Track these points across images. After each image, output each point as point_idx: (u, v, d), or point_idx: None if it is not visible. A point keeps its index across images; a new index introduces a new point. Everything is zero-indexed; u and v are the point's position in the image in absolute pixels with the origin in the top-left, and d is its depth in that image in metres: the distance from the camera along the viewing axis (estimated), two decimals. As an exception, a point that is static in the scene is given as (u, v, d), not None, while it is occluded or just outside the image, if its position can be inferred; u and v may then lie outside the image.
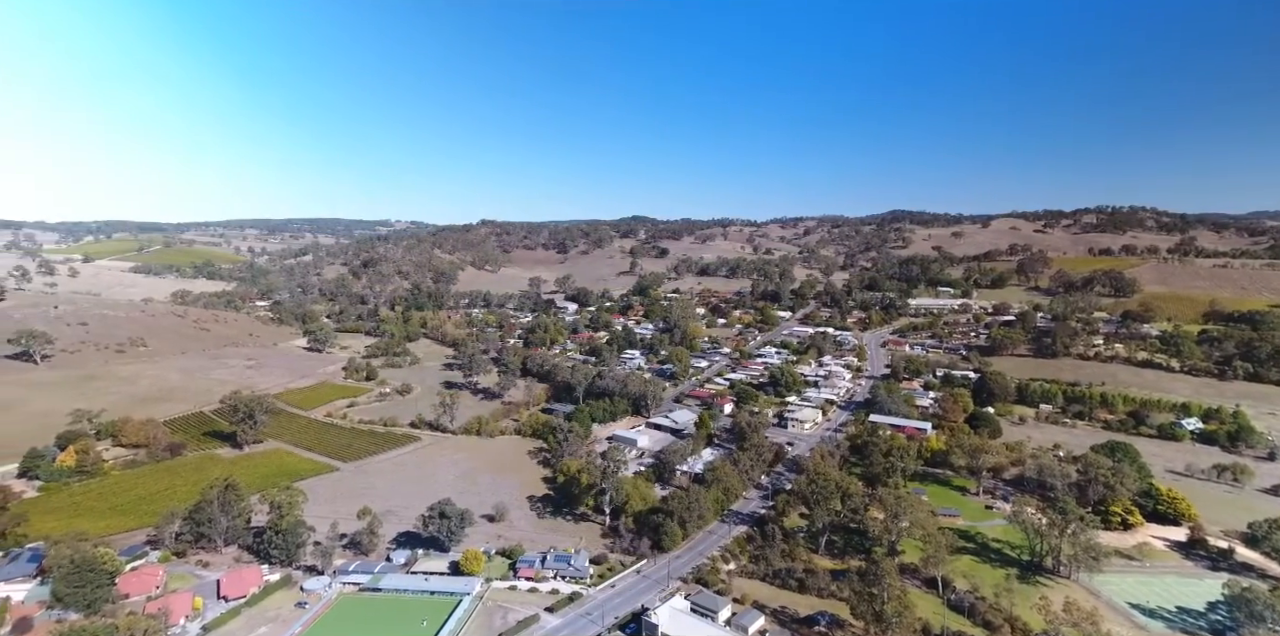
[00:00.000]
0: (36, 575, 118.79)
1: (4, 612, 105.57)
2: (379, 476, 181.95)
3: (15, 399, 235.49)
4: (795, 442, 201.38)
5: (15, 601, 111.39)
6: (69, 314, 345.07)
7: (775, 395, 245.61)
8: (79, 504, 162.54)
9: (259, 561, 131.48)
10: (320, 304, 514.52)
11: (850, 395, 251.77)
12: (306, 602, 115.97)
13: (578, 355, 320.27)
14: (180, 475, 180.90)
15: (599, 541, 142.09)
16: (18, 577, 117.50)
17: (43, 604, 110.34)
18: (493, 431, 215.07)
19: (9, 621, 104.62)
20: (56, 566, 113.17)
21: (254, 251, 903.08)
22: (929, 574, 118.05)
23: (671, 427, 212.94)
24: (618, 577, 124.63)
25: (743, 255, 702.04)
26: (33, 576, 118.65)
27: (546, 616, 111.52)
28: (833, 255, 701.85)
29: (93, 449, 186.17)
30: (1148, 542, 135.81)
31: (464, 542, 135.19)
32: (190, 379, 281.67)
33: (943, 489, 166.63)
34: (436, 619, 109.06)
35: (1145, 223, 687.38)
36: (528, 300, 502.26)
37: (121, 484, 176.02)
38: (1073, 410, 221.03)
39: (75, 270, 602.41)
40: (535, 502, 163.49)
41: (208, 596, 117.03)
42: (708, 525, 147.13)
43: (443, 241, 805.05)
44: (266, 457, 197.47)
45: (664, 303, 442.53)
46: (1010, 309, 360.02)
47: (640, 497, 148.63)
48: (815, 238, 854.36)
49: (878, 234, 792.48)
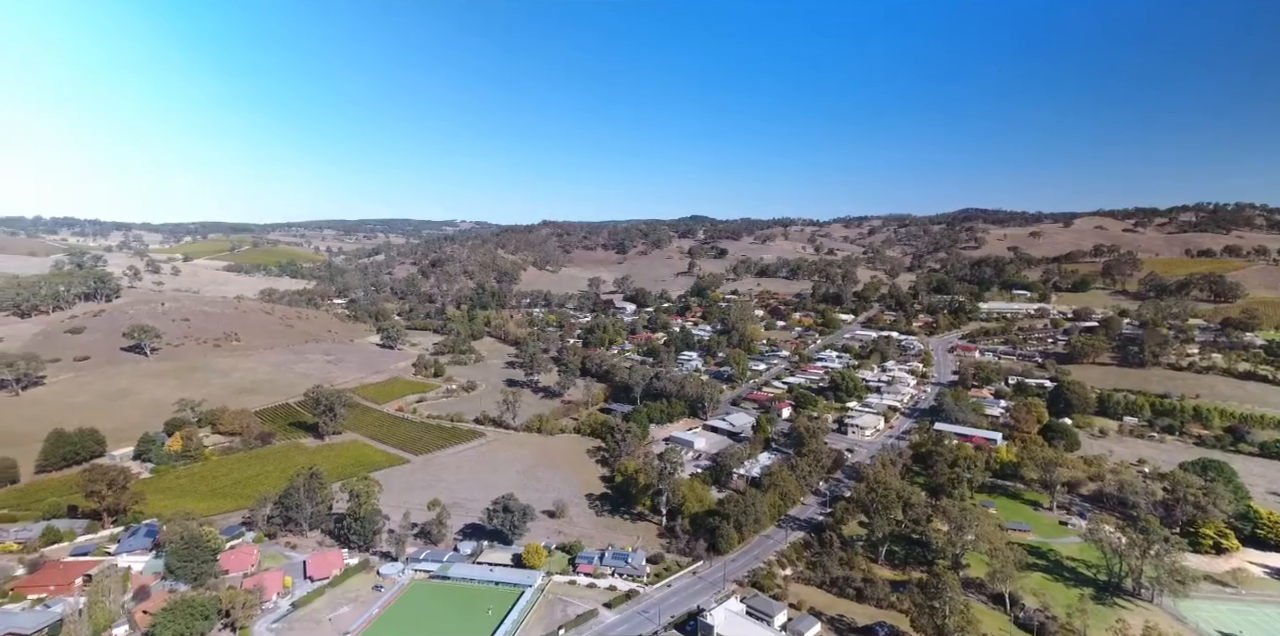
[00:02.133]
0: (152, 549, 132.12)
1: (127, 581, 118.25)
2: (446, 470, 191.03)
3: (131, 388, 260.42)
4: (855, 449, 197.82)
5: (135, 571, 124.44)
6: (174, 310, 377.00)
7: (835, 400, 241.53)
8: (183, 485, 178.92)
9: (339, 546, 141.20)
10: (392, 302, 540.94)
11: (914, 402, 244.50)
12: (382, 586, 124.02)
13: (635, 356, 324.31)
14: (270, 462, 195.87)
15: (655, 541, 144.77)
16: (137, 550, 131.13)
17: (157, 575, 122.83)
18: (553, 429, 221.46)
19: (131, 589, 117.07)
20: (168, 542, 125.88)
21: (331, 251, 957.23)
22: (996, 589, 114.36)
23: (729, 430, 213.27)
24: (674, 577, 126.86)
25: (804, 256, 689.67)
26: (149, 550, 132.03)
27: (605, 612, 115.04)
28: (899, 256, 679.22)
29: (195, 436, 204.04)
30: (1244, 568, 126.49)
31: (525, 536, 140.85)
32: (277, 372, 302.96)
33: (1013, 502, 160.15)
34: (501, 608, 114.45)
35: (1253, 221, 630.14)
36: (587, 300, 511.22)
37: (219, 468, 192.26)
38: (1161, 424, 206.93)
39: (177, 269, 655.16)
40: (593, 500, 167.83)
41: (295, 576, 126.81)
42: (764, 529, 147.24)
43: (506, 242, 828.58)
44: (345, 448, 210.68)
45: (722, 304, 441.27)
46: (1093, 314, 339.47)
47: (697, 499, 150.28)
48: (880, 238, 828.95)
49: (948, 234, 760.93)
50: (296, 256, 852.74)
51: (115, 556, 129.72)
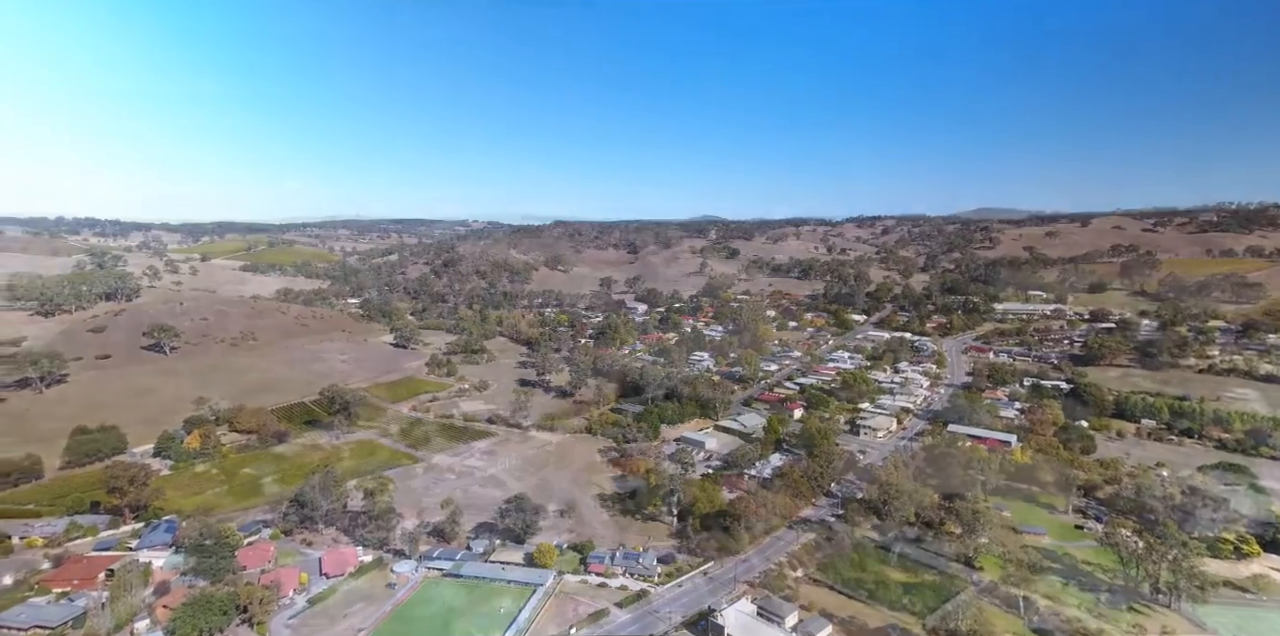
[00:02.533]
0: (171, 545, 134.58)
1: (148, 576, 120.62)
2: (458, 469, 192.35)
3: (151, 387, 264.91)
4: (867, 450, 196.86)
5: (156, 567, 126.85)
6: (192, 310, 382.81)
7: (847, 401, 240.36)
8: (201, 482, 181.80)
9: (354, 543, 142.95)
10: (405, 302, 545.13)
11: (928, 403, 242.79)
12: (395, 583, 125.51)
13: (647, 356, 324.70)
14: (285, 460, 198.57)
15: (666, 541, 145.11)
16: (158, 546, 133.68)
17: (177, 570, 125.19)
18: (564, 429, 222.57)
19: (151, 584, 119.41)
20: (188, 539, 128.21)
21: (346, 251, 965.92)
22: (1010, 592, 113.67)
23: (740, 431, 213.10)
24: (685, 578, 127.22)
25: (816, 256, 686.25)
26: (169, 546, 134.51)
27: (616, 611, 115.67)
28: (912, 256, 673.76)
29: (213, 433, 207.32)
30: (1266, 574, 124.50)
31: (538, 536, 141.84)
32: (292, 371, 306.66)
33: (1027, 505, 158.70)
34: (513, 606, 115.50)
35: (1276, 220, 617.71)
36: (599, 300, 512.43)
37: (236, 466, 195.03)
38: (1180, 426, 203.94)
39: (195, 269, 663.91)
40: (604, 500, 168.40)
41: (311, 572, 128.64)
42: (775, 530, 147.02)
43: (518, 241, 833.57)
44: (359, 446, 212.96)
45: (734, 304, 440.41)
46: (1111, 315, 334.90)
47: (708, 500, 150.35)
48: (893, 237, 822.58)
49: (961, 234, 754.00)
50: (312, 256, 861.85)
51: (136, 552, 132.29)
